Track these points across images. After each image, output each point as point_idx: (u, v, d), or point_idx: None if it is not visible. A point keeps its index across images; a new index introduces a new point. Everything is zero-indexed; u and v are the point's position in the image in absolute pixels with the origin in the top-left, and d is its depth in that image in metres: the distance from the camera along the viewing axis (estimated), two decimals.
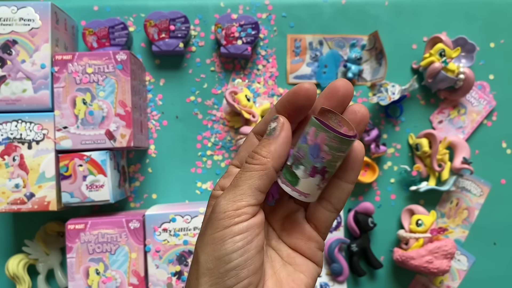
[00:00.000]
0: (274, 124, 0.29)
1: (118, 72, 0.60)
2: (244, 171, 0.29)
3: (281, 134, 0.29)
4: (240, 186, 0.28)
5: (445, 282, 0.72)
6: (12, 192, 0.58)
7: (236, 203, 0.28)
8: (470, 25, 0.72)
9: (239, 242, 0.28)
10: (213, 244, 0.28)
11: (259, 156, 0.29)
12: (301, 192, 0.29)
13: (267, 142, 0.29)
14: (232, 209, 0.28)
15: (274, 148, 0.29)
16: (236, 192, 0.28)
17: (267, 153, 0.29)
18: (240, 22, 0.68)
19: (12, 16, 0.59)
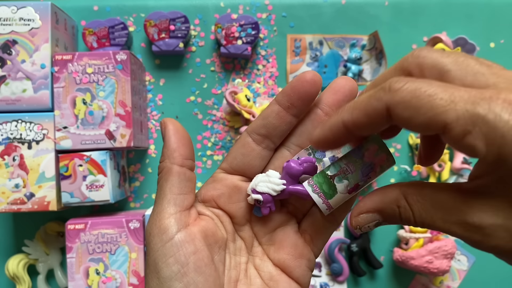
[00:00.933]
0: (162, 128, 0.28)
1: (118, 72, 0.60)
2: (158, 179, 0.27)
3: (168, 131, 0.28)
4: (160, 197, 0.26)
5: (445, 282, 0.72)
6: (12, 192, 0.58)
7: (159, 218, 0.25)
8: (470, 25, 0.72)
9: (174, 266, 0.24)
10: (154, 273, 0.24)
11: (161, 164, 0.28)
12: (330, 206, 0.27)
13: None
14: (156, 227, 0.25)
15: (166, 147, 0.27)
16: (157, 204, 0.26)
17: (163, 157, 0.28)
18: (240, 22, 0.68)
19: (12, 16, 0.59)
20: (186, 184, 0.27)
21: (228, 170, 0.29)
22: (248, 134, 0.29)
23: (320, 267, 0.70)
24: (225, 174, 0.29)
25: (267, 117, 0.28)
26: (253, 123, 0.29)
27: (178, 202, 0.26)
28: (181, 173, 0.27)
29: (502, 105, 0.18)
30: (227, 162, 0.29)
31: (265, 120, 0.28)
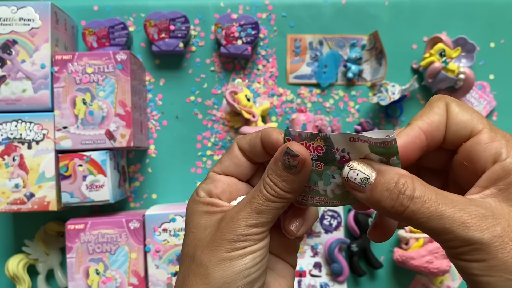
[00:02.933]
0: (294, 162, 0.28)
1: (118, 72, 0.60)
2: (269, 201, 0.29)
3: (303, 172, 0.28)
4: (263, 214, 0.29)
5: (445, 282, 0.72)
6: (12, 192, 0.58)
7: (256, 229, 0.29)
8: (470, 25, 0.72)
9: (258, 258, 0.29)
10: (231, 261, 0.28)
11: (282, 192, 0.29)
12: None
13: (288, 178, 0.28)
14: (254, 233, 0.29)
15: (298, 185, 0.29)
16: (258, 219, 0.29)
17: (290, 189, 0.29)
18: (240, 22, 0.68)
19: (12, 16, 0.59)
20: None
21: (221, 174, 0.32)
22: (237, 146, 0.32)
23: (320, 267, 0.70)
24: (222, 176, 0.32)
25: (253, 141, 0.31)
26: (243, 141, 0.32)
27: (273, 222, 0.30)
28: None
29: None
30: (221, 168, 0.32)
31: (251, 143, 0.31)
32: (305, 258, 0.70)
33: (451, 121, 0.27)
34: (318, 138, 0.27)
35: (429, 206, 0.24)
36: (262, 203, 0.29)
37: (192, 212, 0.31)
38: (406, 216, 0.24)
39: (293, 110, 0.72)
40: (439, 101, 0.27)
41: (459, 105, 0.27)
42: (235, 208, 0.30)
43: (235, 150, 0.32)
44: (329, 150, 0.27)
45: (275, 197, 0.29)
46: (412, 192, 0.24)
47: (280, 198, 0.29)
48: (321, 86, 0.72)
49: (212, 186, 0.32)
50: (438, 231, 0.24)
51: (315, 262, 0.70)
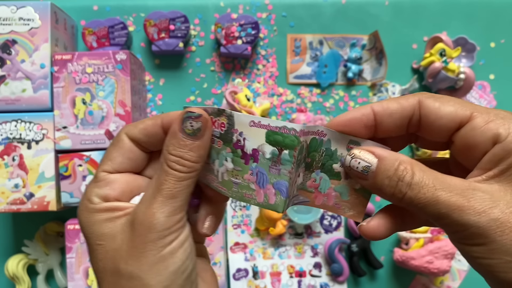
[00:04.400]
0: (198, 124, 0.26)
1: (118, 72, 0.60)
2: (178, 180, 0.26)
3: (207, 135, 0.27)
4: (178, 198, 0.26)
5: (446, 282, 0.72)
6: (12, 192, 0.58)
7: (176, 216, 0.26)
8: (470, 25, 0.72)
9: (188, 248, 0.27)
10: (164, 262, 0.26)
11: (191, 163, 0.26)
12: None
13: (194, 145, 0.27)
14: (176, 223, 0.26)
15: (204, 151, 0.27)
16: (175, 205, 0.26)
17: (199, 158, 0.27)
18: (240, 22, 0.67)
19: (12, 15, 0.59)
20: None
21: (113, 172, 0.29)
22: (127, 137, 0.29)
23: (320, 267, 0.70)
24: (114, 175, 0.29)
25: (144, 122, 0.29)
26: (132, 130, 0.29)
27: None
28: None
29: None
30: (112, 165, 0.29)
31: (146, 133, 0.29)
32: (305, 258, 0.70)
33: (432, 117, 0.26)
34: (224, 115, 0.27)
35: (425, 192, 0.23)
36: (173, 185, 0.26)
37: (90, 223, 0.27)
38: (406, 202, 0.24)
39: (293, 110, 0.72)
40: (412, 96, 0.27)
41: (438, 99, 0.26)
42: (142, 204, 0.27)
43: (126, 143, 0.28)
44: (229, 129, 0.27)
45: (185, 172, 0.26)
46: (410, 179, 0.24)
47: (191, 171, 0.26)
48: (321, 86, 0.72)
49: (108, 190, 0.28)
50: (436, 216, 0.23)
51: (315, 262, 0.70)
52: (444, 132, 0.26)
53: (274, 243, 0.70)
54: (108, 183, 0.28)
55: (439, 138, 0.27)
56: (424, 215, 0.24)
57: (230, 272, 0.68)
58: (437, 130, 0.26)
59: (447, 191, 0.23)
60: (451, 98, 0.26)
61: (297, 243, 0.70)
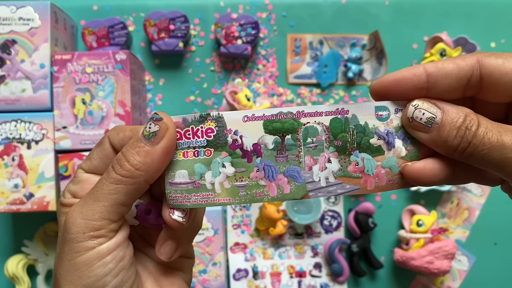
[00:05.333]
0: (155, 127, 0.24)
1: (118, 71, 0.59)
2: (108, 182, 0.24)
3: (162, 143, 0.24)
4: (101, 201, 0.24)
5: (446, 283, 0.72)
6: (12, 192, 0.58)
7: (97, 222, 0.24)
8: (470, 25, 0.72)
9: (111, 263, 0.24)
10: (77, 271, 0.24)
11: (129, 166, 0.24)
12: None
13: (142, 149, 0.24)
14: (93, 229, 0.24)
15: (151, 159, 0.24)
16: (95, 209, 0.24)
17: (141, 165, 0.24)
18: (240, 22, 0.67)
19: (12, 15, 0.59)
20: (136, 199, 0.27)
21: (88, 172, 0.28)
22: (109, 141, 0.27)
23: (320, 267, 0.70)
24: (87, 174, 0.28)
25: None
26: (115, 135, 0.27)
27: (124, 212, 0.26)
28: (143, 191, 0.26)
29: None
30: (88, 165, 0.28)
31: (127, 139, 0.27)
32: (305, 258, 0.70)
33: (496, 74, 0.24)
34: (209, 119, 0.25)
35: (490, 137, 0.23)
36: (101, 185, 0.24)
37: (59, 215, 0.27)
38: (469, 151, 0.23)
39: None
40: (469, 56, 0.25)
41: (499, 56, 0.24)
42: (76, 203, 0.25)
43: (106, 147, 0.27)
44: (220, 131, 0.25)
45: (120, 175, 0.24)
46: (476, 127, 0.23)
47: (127, 176, 0.24)
48: (321, 86, 0.72)
49: (78, 188, 0.27)
50: (501, 162, 0.22)
51: (315, 263, 0.70)
52: (510, 90, 0.24)
53: (274, 243, 0.70)
54: (80, 181, 0.27)
55: (504, 98, 0.25)
56: (487, 164, 0.23)
57: (230, 272, 0.68)
58: (503, 88, 0.24)
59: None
60: (510, 54, 0.24)
61: (297, 243, 0.70)
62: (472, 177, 0.26)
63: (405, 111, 0.25)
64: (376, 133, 0.26)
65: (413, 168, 0.25)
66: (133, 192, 0.24)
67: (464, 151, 0.23)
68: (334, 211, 0.70)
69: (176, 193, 0.25)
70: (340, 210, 0.70)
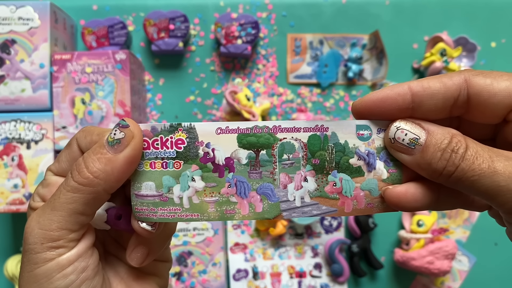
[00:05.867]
0: (120, 134, 0.22)
1: (118, 71, 0.59)
2: (66, 190, 0.23)
3: (126, 152, 0.23)
4: (58, 211, 0.23)
5: (446, 283, 0.71)
6: (11, 192, 0.58)
7: (55, 232, 0.22)
8: (471, 25, 0.72)
9: (72, 275, 0.23)
10: (37, 283, 0.22)
11: (88, 173, 0.22)
12: None
13: (104, 156, 0.22)
14: (51, 239, 0.23)
15: (112, 168, 0.22)
16: (53, 218, 0.22)
17: (100, 172, 0.22)
18: (240, 21, 0.67)
19: (11, 15, 0.59)
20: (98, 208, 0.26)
21: (57, 174, 0.27)
22: (77, 144, 0.26)
23: (321, 267, 0.70)
24: (55, 176, 0.26)
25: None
26: (83, 139, 0.26)
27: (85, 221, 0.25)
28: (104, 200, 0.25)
29: None
30: (57, 167, 0.26)
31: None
32: (305, 258, 0.70)
33: (484, 95, 0.23)
34: (180, 129, 0.24)
35: (481, 163, 0.21)
36: (59, 194, 0.23)
37: (28, 219, 0.25)
38: (456, 176, 0.22)
39: (293, 110, 0.72)
40: (456, 74, 0.23)
41: (488, 75, 0.23)
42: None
43: (74, 150, 0.25)
44: (191, 143, 0.24)
45: (78, 183, 0.22)
46: (464, 150, 0.22)
47: (84, 184, 0.22)
48: (321, 85, 0.72)
49: (46, 191, 0.26)
50: (492, 191, 0.21)
51: (315, 263, 0.70)
52: (499, 111, 0.23)
53: (274, 243, 0.70)
54: (49, 184, 0.26)
55: (491, 119, 0.24)
56: (475, 191, 0.22)
57: (230, 272, 0.68)
58: (491, 109, 0.23)
59: (504, 161, 0.21)
60: (503, 73, 0.23)
61: (297, 243, 0.70)
62: (458, 203, 0.25)
63: (387, 132, 0.24)
64: (356, 153, 0.25)
65: (394, 192, 0.24)
66: (91, 202, 0.23)
67: (450, 175, 0.22)
68: None
69: (142, 205, 0.24)
70: None
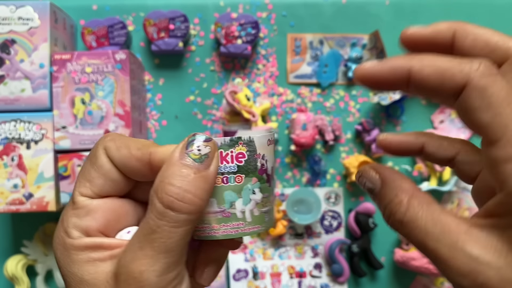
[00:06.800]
0: (206, 149, 0.21)
1: (117, 71, 0.59)
2: (174, 226, 0.20)
3: (214, 165, 0.22)
4: (173, 251, 0.21)
5: (446, 283, 0.71)
6: (11, 193, 0.58)
7: (170, 274, 0.21)
8: None
9: None
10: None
11: (196, 199, 0.21)
12: None
13: (200, 174, 0.21)
14: (167, 283, 0.21)
15: (210, 185, 0.21)
16: (168, 261, 0.21)
17: (204, 193, 0.21)
18: (240, 21, 0.67)
19: (11, 15, 0.59)
20: None
21: (94, 196, 0.23)
22: (105, 154, 0.23)
23: (321, 268, 0.70)
24: (93, 200, 0.23)
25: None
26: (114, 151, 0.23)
27: None
28: None
29: None
30: (93, 187, 0.23)
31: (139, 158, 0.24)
32: (305, 259, 0.70)
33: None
34: (241, 143, 0.23)
35: (416, 234, 0.21)
36: (168, 233, 0.20)
37: (68, 262, 0.22)
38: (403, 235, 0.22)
39: (293, 110, 0.72)
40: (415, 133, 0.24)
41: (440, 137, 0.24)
42: (128, 254, 0.21)
43: (104, 163, 0.23)
44: (251, 156, 0.23)
45: (186, 213, 0.20)
46: (402, 216, 0.21)
47: (193, 212, 0.21)
48: (321, 85, 0.72)
49: (89, 220, 0.23)
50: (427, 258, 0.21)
51: (315, 263, 0.70)
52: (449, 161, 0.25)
53: (274, 243, 0.70)
54: (89, 211, 0.23)
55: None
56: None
57: (230, 272, 0.68)
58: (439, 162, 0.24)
59: (436, 241, 0.20)
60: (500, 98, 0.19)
61: (297, 243, 0.70)
62: None
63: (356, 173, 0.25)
64: None
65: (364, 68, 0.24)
66: (191, 230, 0.22)
67: (399, 232, 0.22)
68: (334, 211, 0.70)
69: (202, 223, 0.23)
70: (340, 210, 0.70)
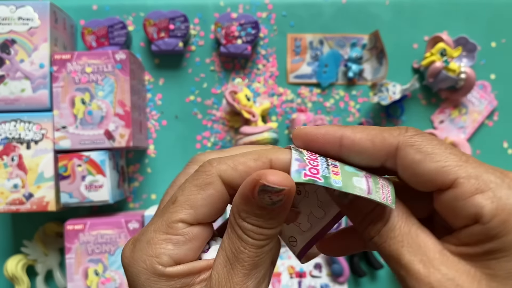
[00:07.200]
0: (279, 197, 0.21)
1: (117, 71, 0.59)
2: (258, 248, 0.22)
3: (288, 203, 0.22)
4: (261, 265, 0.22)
5: None
6: (11, 193, 0.58)
7: (261, 286, 0.23)
8: (471, 25, 0.72)
9: None
10: None
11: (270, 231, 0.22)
12: None
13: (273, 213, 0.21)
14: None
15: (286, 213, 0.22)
16: (259, 275, 0.22)
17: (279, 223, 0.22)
18: (240, 21, 0.67)
19: (11, 15, 0.59)
20: None
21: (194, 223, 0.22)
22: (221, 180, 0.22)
23: (321, 267, 0.70)
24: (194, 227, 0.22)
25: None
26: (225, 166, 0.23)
27: None
28: None
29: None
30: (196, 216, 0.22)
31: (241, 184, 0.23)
32: None
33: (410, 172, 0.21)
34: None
35: (391, 244, 0.21)
36: (254, 253, 0.21)
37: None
38: (371, 246, 0.23)
39: (293, 110, 0.72)
40: (393, 136, 0.22)
41: (421, 150, 0.21)
42: (220, 275, 0.22)
43: (219, 190, 0.22)
44: None
45: (265, 239, 0.22)
46: (382, 225, 0.22)
47: (271, 237, 0.22)
48: (321, 85, 0.72)
49: (187, 250, 0.22)
50: (395, 273, 0.21)
51: (315, 263, 0.70)
52: (423, 189, 0.22)
53: None
54: (189, 240, 0.22)
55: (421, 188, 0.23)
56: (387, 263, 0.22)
57: None
58: (415, 185, 0.22)
59: (412, 254, 0.20)
60: (444, 146, 0.21)
61: None
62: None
63: None
64: None
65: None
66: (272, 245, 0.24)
67: (368, 241, 0.23)
68: None
69: None
70: None
